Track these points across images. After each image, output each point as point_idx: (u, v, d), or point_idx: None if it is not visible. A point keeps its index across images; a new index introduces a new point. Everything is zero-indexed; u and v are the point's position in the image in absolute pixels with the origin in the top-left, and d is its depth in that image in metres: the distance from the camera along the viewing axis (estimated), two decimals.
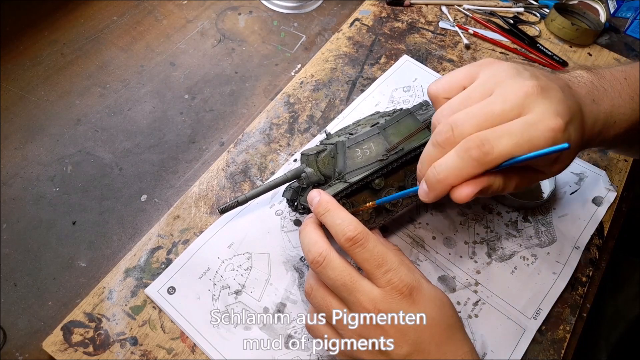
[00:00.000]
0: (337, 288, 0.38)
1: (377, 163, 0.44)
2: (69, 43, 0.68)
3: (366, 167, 0.45)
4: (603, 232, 0.57)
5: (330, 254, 0.38)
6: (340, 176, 0.45)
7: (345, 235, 0.38)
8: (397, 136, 0.46)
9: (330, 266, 0.38)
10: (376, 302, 0.37)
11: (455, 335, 0.39)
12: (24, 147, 0.58)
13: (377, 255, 0.38)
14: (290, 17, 0.76)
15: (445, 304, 0.39)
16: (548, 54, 0.74)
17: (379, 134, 0.46)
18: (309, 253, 0.39)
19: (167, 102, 0.64)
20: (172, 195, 0.57)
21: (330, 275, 0.38)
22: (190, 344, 0.47)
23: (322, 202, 0.41)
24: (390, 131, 0.46)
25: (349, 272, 0.38)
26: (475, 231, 0.55)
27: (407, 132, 0.46)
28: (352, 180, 0.43)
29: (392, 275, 0.37)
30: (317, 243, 0.39)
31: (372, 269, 0.37)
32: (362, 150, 0.45)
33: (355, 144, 0.45)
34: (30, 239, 0.52)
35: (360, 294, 0.37)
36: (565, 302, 0.52)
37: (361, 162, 0.45)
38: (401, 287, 0.37)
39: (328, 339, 0.40)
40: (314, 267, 0.38)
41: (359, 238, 0.38)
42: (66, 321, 0.46)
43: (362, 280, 0.38)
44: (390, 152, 0.45)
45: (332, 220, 0.39)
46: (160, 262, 0.51)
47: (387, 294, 0.37)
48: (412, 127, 0.46)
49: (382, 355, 0.37)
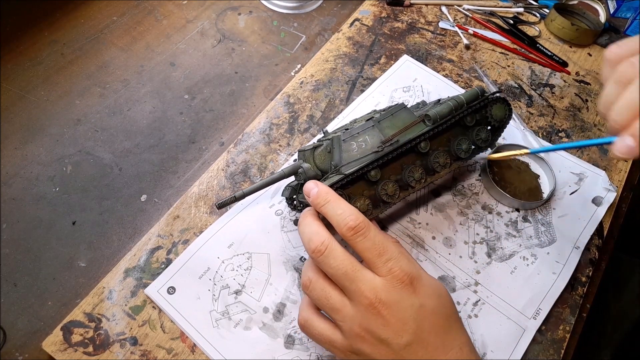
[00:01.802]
0: (338, 277, 0.38)
1: (372, 155, 0.45)
2: (69, 43, 0.68)
3: (361, 159, 0.45)
4: (603, 232, 0.57)
5: (332, 243, 0.38)
6: (337, 169, 0.45)
7: (347, 224, 0.38)
8: (392, 129, 0.46)
9: (332, 255, 0.38)
10: (377, 290, 0.37)
11: (453, 326, 0.39)
12: (24, 147, 0.58)
13: (379, 244, 0.38)
14: (290, 17, 0.76)
15: (443, 294, 0.40)
16: (548, 54, 0.74)
17: (374, 127, 0.46)
18: (310, 242, 0.39)
19: (167, 102, 0.64)
20: (172, 195, 0.57)
21: (332, 264, 0.38)
22: (190, 344, 0.47)
23: (321, 192, 0.41)
24: (385, 124, 0.46)
25: (350, 261, 0.38)
26: (475, 231, 0.55)
27: (402, 125, 0.47)
28: (348, 172, 0.44)
29: (393, 264, 0.37)
30: (318, 233, 0.39)
31: (374, 257, 0.38)
32: (357, 143, 0.45)
33: (351, 137, 0.46)
34: (30, 239, 0.52)
35: (361, 282, 0.37)
36: (565, 302, 0.52)
37: (356, 155, 0.45)
38: (402, 275, 0.37)
39: (326, 333, 0.39)
40: (316, 256, 0.38)
41: (360, 227, 0.38)
42: (66, 321, 0.46)
43: (363, 270, 0.38)
44: (385, 143, 0.45)
45: (333, 211, 0.39)
46: (160, 262, 0.51)
47: (389, 283, 0.37)
48: (407, 120, 0.47)
49: (383, 345, 0.37)
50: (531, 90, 0.70)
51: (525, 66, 0.72)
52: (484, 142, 0.51)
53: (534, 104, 0.68)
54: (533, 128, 0.65)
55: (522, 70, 0.72)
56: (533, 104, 0.68)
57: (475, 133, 0.51)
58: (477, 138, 0.51)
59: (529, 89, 0.70)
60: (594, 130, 0.66)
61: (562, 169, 0.61)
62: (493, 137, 0.53)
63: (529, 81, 0.71)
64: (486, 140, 0.52)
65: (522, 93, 0.69)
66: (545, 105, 0.68)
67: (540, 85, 0.70)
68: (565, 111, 0.68)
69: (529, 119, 0.66)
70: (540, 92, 0.70)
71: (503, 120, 0.52)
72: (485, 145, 0.52)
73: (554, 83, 0.71)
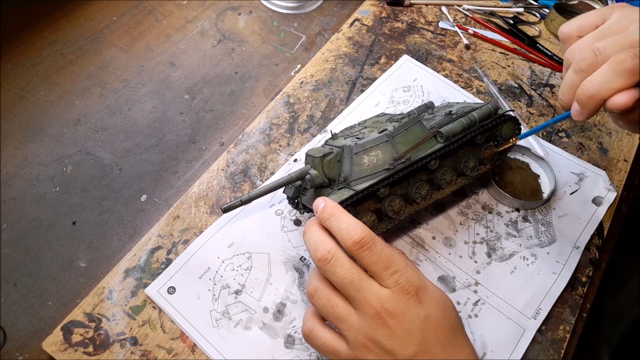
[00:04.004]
0: (344, 286, 0.38)
1: (384, 172, 0.44)
2: (69, 43, 0.68)
3: (372, 175, 0.44)
4: (603, 232, 0.57)
5: (338, 252, 0.38)
6: (346, 182, 0.45)
7: (352, 238, 0.38)
8: (404, 145, 0.46)
9: (339, 264, 0.38)
10: (383, 300, 0.37)
11: (458, 338, 0.39)
12: (24, 147, 0.58)
13: (385, 257, 0.38)
14: (290, 17, 0.76)
15: (448, 305, 0.39)
16: (548, 54, 0.74)
17: (387, 141, 0.45)
18: (316, 251, 0.39)
19: (167, 102, 0.64)
20: (172, 195, 0.57)
21: (338, 273, 0.38)
22: (190, 344, 0.47)
23: (326, 207, 0.40)
24: (398, 139, 0.46)
25: (356, 270, 0.38)
26: (475, 231, 0.55)
27: (414, 140, 0.46)
28: (359, 188, 0.43)
29: (399, 276, 0.37)
30: (324, 242, 0.39)
31: (380, 270, 0.37)
32: (369, 157, 0.45)
33: (363, 151, 0.45)
34: (30, 239, 0.52)
35: (367, 292, 0.37)
36: (565, 302, 0.52)
37: (367, 170, 0.45)
38: (408, 287, 0.37)
39: (331, 343, 0.39)
40: (322, 264, 0.38)
41: (366, 241, 0.37)
42: (66, 321, 0.46)
43: (369, 280, 0.38)
44: (397, 161, 0.45)
45: (338, 225, 0.39)
46: (160, 262, 0.51)
47: (395, 294, 0.37)
48: (419, 135, 0.46)
49: (388, 355, 0.37)
50: (531, 90, 0.70)
51: (525, 66, 0.72)
52: (489, 160, 0.51)
53: (534, 104, 0.68)
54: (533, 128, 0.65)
55: (522, 70, 0.72)
56: (533, 104, 0.68)
57: (483, 151, 0.51)
58: (484, 156, 0.51)
59: (529, 89, 0.70)
60: (594, 130, 0.66)
61: (562, 169, 0.61)
62: (500, 155, 0.52)
63: (529, 81, 0.71)
64: (492, 157, 0.51)
65: (522, 93, 0.69)
66: (545, 105, 0.68)
67: (540, 85, 0.70)
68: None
69: (529, 119, 0.66)
70: (540, 92, 0.70)
71: (510, 139, 0.52)
72: (492, 163, 0.52)
73: (554, 83, 0.71)
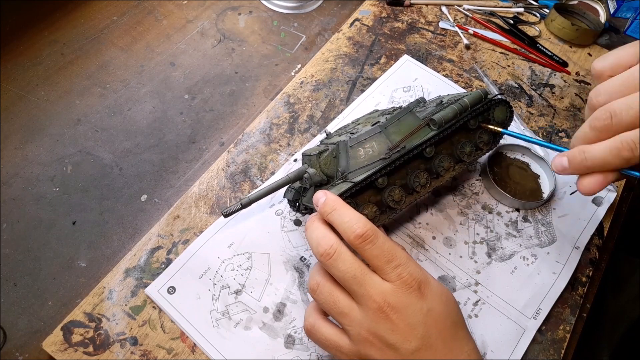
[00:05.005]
0: (347, 281, 0.38)
1: (380, 162, 0.45)
2: (69, 43, 0.68)
3: (369, 166, 0.45)
4: (603, 232, 0.57)
5: (340, 247, 0.38)
6: (344, 176, 0.45)
7: (355, 232, 0.37)
8: (398, 134, 0.46)
9: (341, 258, 0.38)
10: (386, 295, 0.37)
11: (460, 332, 0.39)
12: (24, 147, 0.58)
13: (387, 251, 0.38)
14: (290, 17, 0.76)
15: (450, 300, 0.40)
16: (548, 54, 0.74)
17: (381, 132, 0.46)
18: (319, 246, 0.39)
19: (167, 102, 0.64)
20: (172, 195, 0.57)
21: (341, 268, 0.38)
22: (190, 344, 0.47)
23: (328, 201, 0.40)
24: (391, 130, 0.46)
25: (359, 265, 0.38)
26: (475, 231, 0.55)
27: (408, 130, 0.46)
28: (357, 179, 0.43)
29: (402, 270, 0.37)
30: (326, 236, 0.39)
31: (382, 264, 0.37)
32: (365, 150, 0.45)
33: (358, 144, 0.45)
34: (30, 239, 0.52)
35: (370, 286, 0.37)
36: (565, 302, 0.52)
37: (364, 162, 0.45)
38: (410, 281, 0.37)
39: (333, 338, 0.39)
40: (324, 259, 0.38)
41: (368, 235, 0.37)
42: (66, 321, 0.46)
43: (372, 274, 0.38)
44: (392, 150, 0.45)
45: (340, 219, 0.39)
46: (160, 262, 0.51)
47: (397, 288, 0.37)
48: (412, 124, 0.47)
49: (391, 350, 0.36)
50: (531, 90, 0.70)
51: (525, 66, 0.72)
52: (486, 144, 0.51)
53: (534, 104, 0.68)
54: (533, 128, 0.65)
55: (522, 70, 0.72)
56: (533, 104, 0.68)
57: (477, 136, 0.51)
58: (479, 141, 0.51)
59: (529, 89, 0.70)
60: None
61: None
62: (495, 139, 0.53)
63: (529, 81, 0.71)
64: (488, 142, 0.51)
65: (522, 93, 0.69)
66: (546, 105, 0.68)
67: (540, 85, 0.70)
68: (565, 111, 0.68)
69: (529, 119, 0.66)
70: (541, 92, 0.70)
71: (504, 123, 0.52)
72: (487, 148, 0.52)
73: (554, 83, 0.71)
